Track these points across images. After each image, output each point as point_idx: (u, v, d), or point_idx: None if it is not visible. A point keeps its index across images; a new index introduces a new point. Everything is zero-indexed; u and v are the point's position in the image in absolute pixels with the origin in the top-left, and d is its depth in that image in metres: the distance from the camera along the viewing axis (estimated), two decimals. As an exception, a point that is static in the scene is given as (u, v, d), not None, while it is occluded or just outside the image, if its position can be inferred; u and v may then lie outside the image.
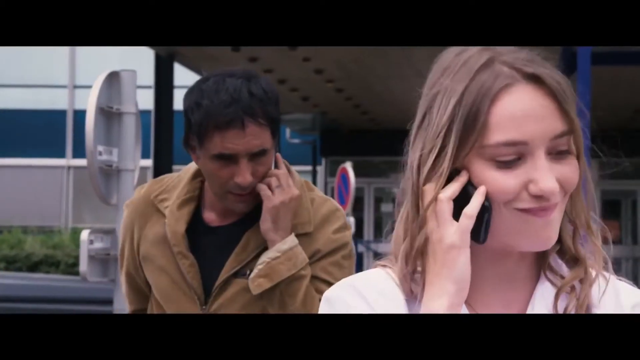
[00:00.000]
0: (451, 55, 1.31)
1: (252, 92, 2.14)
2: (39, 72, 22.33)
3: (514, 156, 1.25)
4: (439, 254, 1.26)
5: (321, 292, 2.19)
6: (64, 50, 22.14)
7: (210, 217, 2.30)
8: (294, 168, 2.33)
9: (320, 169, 20.28)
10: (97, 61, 19.02)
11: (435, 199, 1.27)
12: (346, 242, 2.26)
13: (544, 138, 1.25)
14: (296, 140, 20.26)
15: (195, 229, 2.29)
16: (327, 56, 12.87)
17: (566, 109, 1.26)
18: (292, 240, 2.20)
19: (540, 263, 1.33)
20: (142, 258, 2.33)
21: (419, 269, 1.29)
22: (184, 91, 2.28)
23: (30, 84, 22.35)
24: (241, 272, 2.24)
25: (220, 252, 2.26)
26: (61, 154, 22.20)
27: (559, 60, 1.31)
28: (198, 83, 2.21)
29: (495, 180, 1.25)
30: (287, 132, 19.87)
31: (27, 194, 21.39)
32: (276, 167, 2.25)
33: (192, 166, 2.34)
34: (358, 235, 17.35)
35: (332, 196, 14.07)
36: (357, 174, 11.72)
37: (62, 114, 22.39)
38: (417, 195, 1.29)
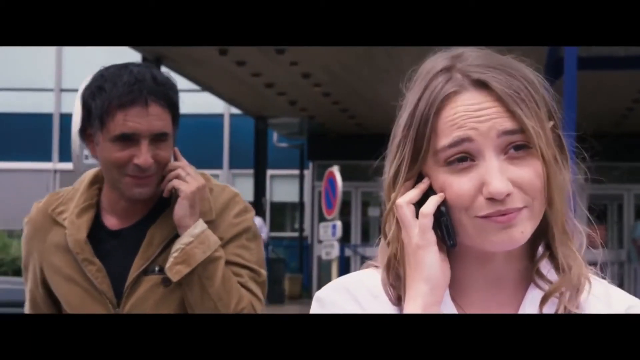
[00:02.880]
0: (422, 67, 1.34)
1: (155, 76, 2.21)
2: (25, 76, 22.26)
3: (464, 158, 1.26)
4: (410, 256, 1.29)
5: (236, 275, 2.24)
6: (50, 54, 22.09)
7: (110, 221, 2.32)
8: (282, 172, 2.35)
9: (308, 173, 20.26)
10: (83, 64, 18.97)
11: (393, 204, 1.30)
12: (248, 225, 2.32)
13: (489, 134, 1.25)
14: (283, 144, 20.24)
15: (97, 235, 2.30)
16: (314, 60, 12.87)
17: (512, 109, 1.26)
18: (201, 224, 2.24)
19: (531, 268, 1.33)
20: (48, 272, 2.34)
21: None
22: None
23: (16, 87, 22.28)
24: (150, 269, 2.25)
25: (126, 253, 2.27)
26: (47, 158, 22.14)
27: (546, 65, 1.32)
28: (99, 72, 2.26)
29: (450, 185, 1.27)
30: (275, 135, 19.85)
31: (13, 198, 21.30)
32: (176, 160, 2.29)
33: (87, 175, 2.37)
34: (345, 239, 17.35)
35: (320, 200, 14.09)
36: (344, 178, 11.73)
37: (48, 117, 22.32)
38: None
